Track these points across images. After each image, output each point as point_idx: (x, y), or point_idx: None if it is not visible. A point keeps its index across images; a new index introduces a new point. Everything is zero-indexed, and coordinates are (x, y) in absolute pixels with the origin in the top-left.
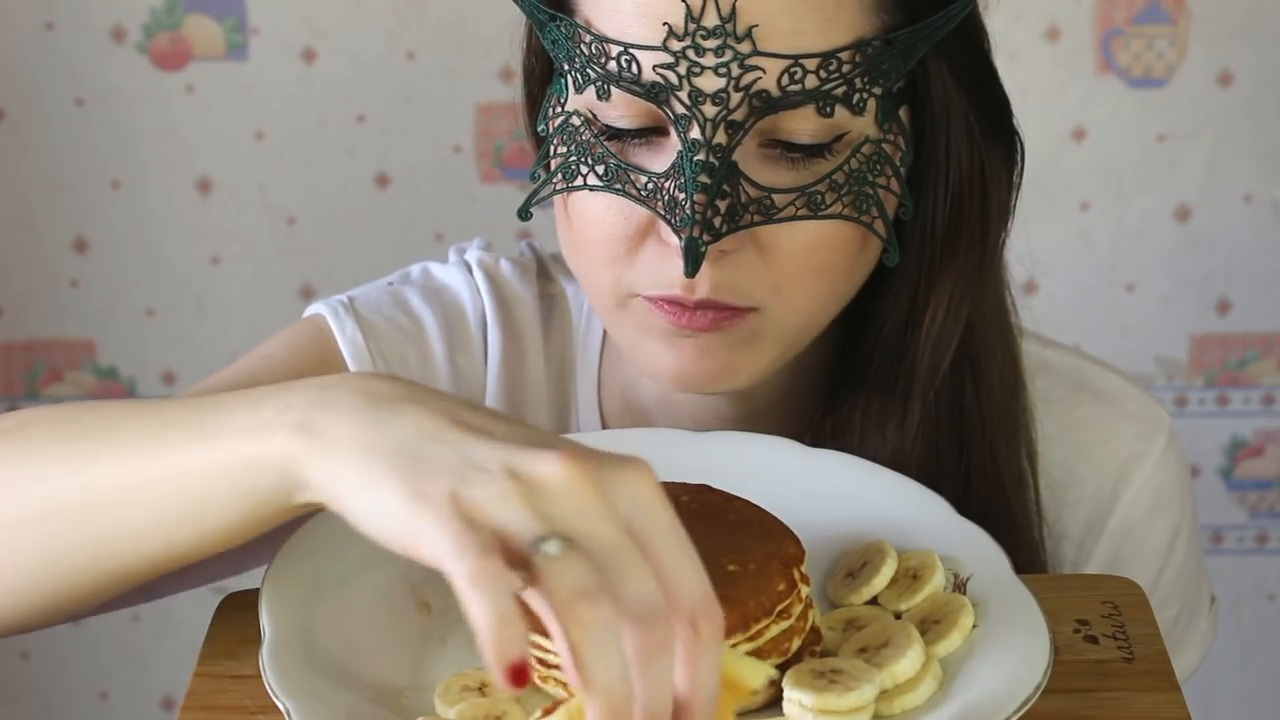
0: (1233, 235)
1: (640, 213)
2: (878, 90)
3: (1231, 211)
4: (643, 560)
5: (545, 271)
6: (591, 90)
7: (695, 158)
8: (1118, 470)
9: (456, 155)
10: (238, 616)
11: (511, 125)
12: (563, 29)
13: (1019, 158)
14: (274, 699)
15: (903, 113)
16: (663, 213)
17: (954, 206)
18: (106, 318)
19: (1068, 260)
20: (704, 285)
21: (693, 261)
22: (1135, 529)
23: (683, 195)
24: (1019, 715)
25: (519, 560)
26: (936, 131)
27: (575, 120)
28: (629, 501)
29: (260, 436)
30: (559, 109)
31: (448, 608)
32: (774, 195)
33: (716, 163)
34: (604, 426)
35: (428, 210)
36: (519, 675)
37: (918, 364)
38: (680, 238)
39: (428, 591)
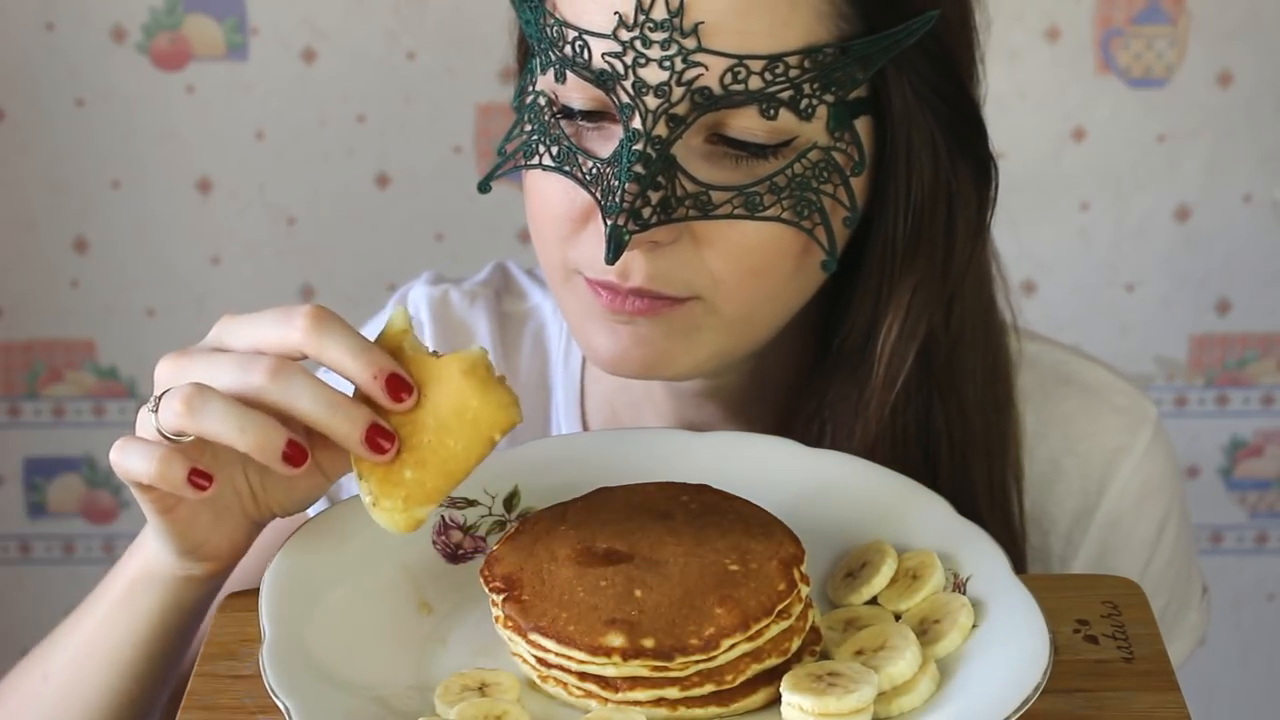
0: (1233, 235)
1: (584, 196)
2: (829, 98)
3: (1231, 211)
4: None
5: (513, 288)
6: (553, 73)
7: (634, 147)
8: (1104, 463)
9: (456, 155)
10: (238, 616)
11: None
12: (532, 10)
13: (992, 181)
14: (274, 699)
15: (863, 123)
16: (599, 198)
17: (915, 222)
18: (106, 318)
19: (1068, 260)
20: (637, 275)
21: (614, 249)
22: (1122, 521)
23: (616, 183)
24: (1019, 715)
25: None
26: (896, 145)
27: (541, 100)
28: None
29: (122, 579)
30: (531, 89)
31: (448, 608)
32: (712, 192)
33: (654, 154)
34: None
35: (428, 210)
36: (199, 482)
37: (873, 377)
38: (606, 224)
39: (428, 591)
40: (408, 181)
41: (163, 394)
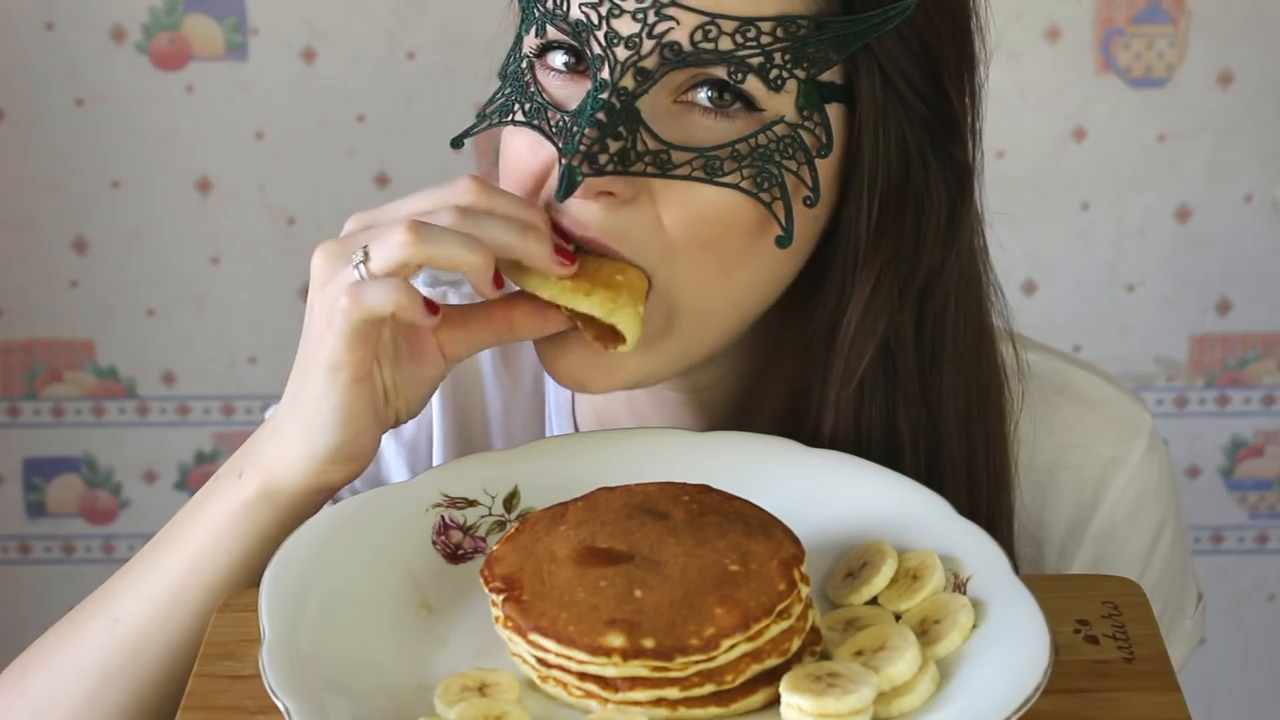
0: (1233, 235)
1: (548, 148)
2: (800, 73)
3: (1231, 211)
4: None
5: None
6: (534, 29)
7: (599, 96)
8: (1098, 474)
9: (457, 155)
10: (238, 617)
11: None
12: None
13: (967, 189)
14: (274, 699)
15: (835, 110)
16: (560, 144)
17: (879, 218)
18: (106, 318)
19: (1068, 260)
20: (593, 226)
21: (566, 187)
22: (1116, 532)
23: (576, 129)
24: (1019, 715)
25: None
26: (864, 136)
27: (524, 64)
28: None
29: (226, 507)
30: (516, 55)
31: (448, 608)
32: (673, 152)
33: (618, 104)
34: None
35: None
36: (432, 308)
37: (833, 373)
38: (560, 164)
39: (428, 591)
40: (408, 181)
41: (365, 247)
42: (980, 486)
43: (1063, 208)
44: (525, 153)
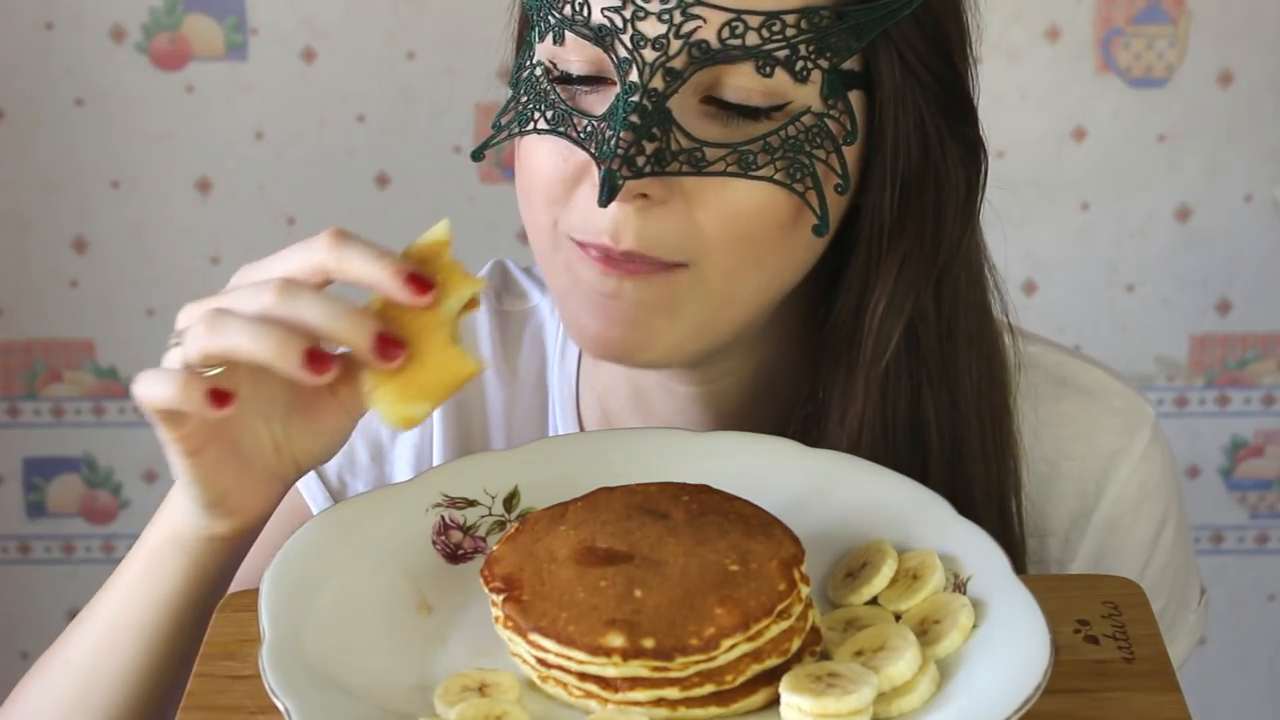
0: (1233, 235)
1: (578, 154)
2: (824, 63)
3: (1231, 211)
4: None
5: (512, 287)
6: (551, 37)
7: (630, 99)
8: (1102, 465)
9: (456, 155)
10: (238, 616)
11: None
12: None
13: (981, 164)
14: (274, 699)
15: (856, 97)
16: (593, 151)
17: (902, 199)
18: (106, 318)
19: (1068, 260)
20: (629, 237)
21: (608, 192)
22: (1120, 523)
23: (611, 133)
24: (1019, 715)
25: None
26: (885, 121)
27: (538, 71)
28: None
29: (145, 549)
30: (529, 62)
31: (448, 608)
32: (706, 149)
33: (650, 106)
34: (582, 430)
35: (428, 210)
36: (218, 401)
37: (861, 353)
38: (600, 169)
39: (428, 591)
40: (407, 181)
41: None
42: (993, 458)
43: (1063, 208)
44: (552, 161)
